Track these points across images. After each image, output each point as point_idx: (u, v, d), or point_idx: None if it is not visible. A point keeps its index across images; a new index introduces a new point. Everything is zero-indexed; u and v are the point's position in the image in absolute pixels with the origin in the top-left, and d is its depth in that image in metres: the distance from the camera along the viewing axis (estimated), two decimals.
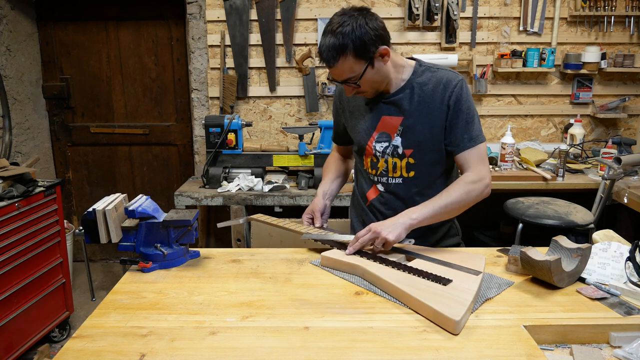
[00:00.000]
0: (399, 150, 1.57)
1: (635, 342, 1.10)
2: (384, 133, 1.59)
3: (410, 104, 1.55)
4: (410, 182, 1.60)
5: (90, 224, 1.44)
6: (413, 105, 1.55)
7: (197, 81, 3.34)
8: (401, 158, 1.58)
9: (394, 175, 1.61)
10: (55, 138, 3.65)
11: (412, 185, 1.60)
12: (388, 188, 1.63)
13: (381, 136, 1.59)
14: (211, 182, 2.97)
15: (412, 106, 1.55)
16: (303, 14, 3.22)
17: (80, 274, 3.55)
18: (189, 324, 1.16)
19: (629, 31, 3.26)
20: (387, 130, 1.58)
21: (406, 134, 1.56)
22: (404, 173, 1.59)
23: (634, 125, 3.42)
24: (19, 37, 3.31)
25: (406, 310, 1.21)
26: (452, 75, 1.54)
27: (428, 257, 1.41)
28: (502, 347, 1.06)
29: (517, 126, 3.40)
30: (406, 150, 1.57)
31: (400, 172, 1.59)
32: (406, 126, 1.56)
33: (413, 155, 1.57)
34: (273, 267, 1.47)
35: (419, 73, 1.57)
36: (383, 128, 1.59)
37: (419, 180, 1.59)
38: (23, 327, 2.46)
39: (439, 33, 3.26)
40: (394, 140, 1.58)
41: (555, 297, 1.28)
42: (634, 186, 2.65)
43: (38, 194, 2.52)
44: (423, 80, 1.55)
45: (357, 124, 1.65)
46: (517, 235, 2.58)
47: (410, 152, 1.57)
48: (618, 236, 1.55)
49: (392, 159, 1.59)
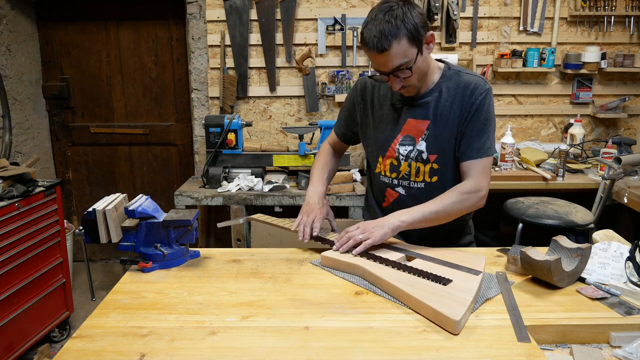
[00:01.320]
0: (424, 155, 1.55)
1: (635, 342, 1.10)
2: (409, 136, 1.56)
3: (437, 108, 1.53)
4: (433, 187, 1.57)
5: (90, 223, 1.44)
6: (439, 109, 1.52)
7: (197, 81, 3.34)
8: (425, 163, 1.55)
9: (416, 180, 1.58)
10: (55, 138, 3.65)
11: (435, 190, 1.56)
12: (410, 192, 1.60)
13: (405, 139, 1.56)
14: (211, 182, 2.97)
15: (438, 110, 1.53)
16: (303, 14, 3.22)
17: (80, 274, 3.55)
18: (189, 324, 1.16)
19: (629, 31, 3.26)
20: (412, 133, 1.55)
21: (431, 139, 1.53)
22: (426, 178, 1.57)
23: (634, 125, 3.42)
24: (19, 37, 3.31)
25: (406, 310, 1.21)
26: (480, 82, 1.52)
27: (428, 257, 1.41)
28: (502, 347, 1.06)
29: (517, 126, 3.41)
30: (431, 156, 1.54)
31: (423, 177, 1.57)
32: (432, 131, 1.53)
33: (437, 160, 1.54)
34: (273, 267, 1.47)
35: (447, 76, 1.54)
36: (408, 131, 1.56)
37: (441, 185, 1.56)
38: (23, 327, 2.46)
39: (439, 33, 3.26)
40: (418, 144, 1.55)
41: (555, 297, 1.28)
42: (634, 186, 2.65)
43: (38, 194, 2.52)
44: (451, 83, 1.53)
45: (379, 124, 1.61)
46: (517, 235, 2.58)
47: (435, 157, 1.54)
48: (618, 236, 1.55)
49: (415, 163, 1.56)
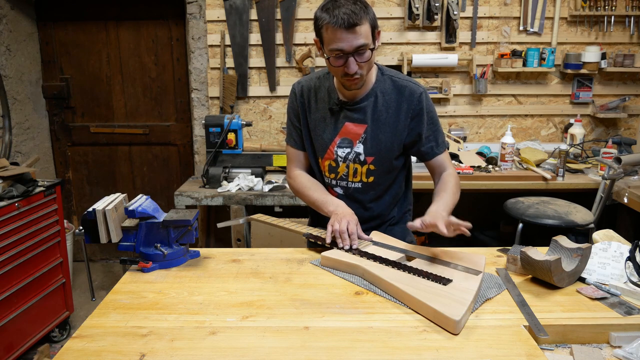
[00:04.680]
0: (361, 157, 1.61)
1: (635, 342, 1.10)
2: (346, 139, 1.62)
3: (374, 112, 1.58)
4: (369, 187, 1.65)
5: (90, 223, 1.44)
6: (376, 113, 1.58)
7: (197, 81, 3.34)
8: (362, 165, 1.62)
9: (353, 180, 1.65)
10: (55, 138, 3.65)
11: (371, 189, 1.65)
12: (347, 192, 1.67)
13: (343, 142, 1.62)
14: (211, 182, 2.97)
15: (375, 114, 1.58)
16: (303, 14, 3.22)
17: (80, 274, 3.55)
18: (189, 324, 1.16)
19: (629, 31, 3.26)
20: (350, 136, 1.61)
21: (368, 142, 1.60)
22: (363, 178, 1.64)
23: (634, 125, 3.42)
24: (19, 37, 3.31)
25: (406, 310, 1.21)
26: (414, 87, 1.58)
27: (428, 257, 1.41)
28: (502, 347, 1.06)
29: (517, 126, 3.41)
30: (368, 158, 1.61)
31: (360, 177, 1.64)
32: (369, 134, 1.59)
33: (374, 162, 1.61)
34: (273, 267, 1.47)
35: (381, 81, 1.60)
36: (346, 134, 1.61)
37: (376, 184, 1.65)
38: (23, 327, 2.46)
39: (439, 33, 3.26)
40: (355, 147, 1.61)
41: (555, 297, 1.28)
42: (634, 186, 2.65)
43: (38, 194, 2.52)
44: (385, 88, 1.59)
45: (317, 127, 1.65)
46: (517, 235, 2.58)
47: (372, 159, 1.61)
48: (618, 236, 1.55)
49: (353, 164, 1.63)
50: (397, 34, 3.26)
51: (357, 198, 1.66)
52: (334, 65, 1.48)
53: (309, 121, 1.68)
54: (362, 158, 1.61)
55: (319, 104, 1.65)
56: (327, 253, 1.47)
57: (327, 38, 1.45)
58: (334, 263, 1.44)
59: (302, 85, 1.69)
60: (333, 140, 1.63)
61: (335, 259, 1.43)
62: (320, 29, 1.46)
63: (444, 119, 3.36)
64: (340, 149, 1.62)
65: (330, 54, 1.46)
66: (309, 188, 1.69)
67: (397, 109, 1.58)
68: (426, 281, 1.26)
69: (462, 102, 3.38)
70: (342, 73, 1.48)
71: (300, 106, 1.68)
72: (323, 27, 1.44)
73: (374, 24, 1.46)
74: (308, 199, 1.69)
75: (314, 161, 1.72)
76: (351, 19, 1.39)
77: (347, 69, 1.46)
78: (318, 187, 1.69)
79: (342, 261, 1.42)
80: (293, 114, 1.72)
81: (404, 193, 1.75)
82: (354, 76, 1.48)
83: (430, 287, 1.23)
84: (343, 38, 1.42)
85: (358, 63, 1.46)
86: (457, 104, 3.38)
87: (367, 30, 1.43)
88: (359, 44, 1.43)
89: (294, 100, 1.70)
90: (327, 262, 1.46)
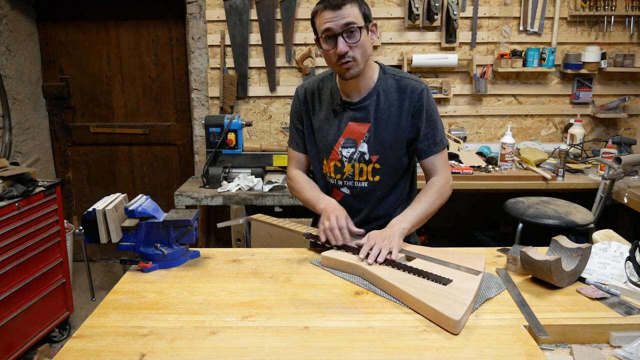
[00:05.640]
0: (366, 156, 1.62)
1: (635, 342, 1.10)
2: (350, 139, 1.62)
3: (377, 111, 1.59)
4: (376, 186, 1.65)
5: (90, 223, 1.44)
6: (379, 112, 1.59)
7: (197, 81, 3.34)
8: (367, 164, 1.63)
9: (360, 180, 1.65)
10: (55, 138, 3.65)
11: (377, 188, 1.66)
12: (354, 192, 1.67)
13: (347, 142, 1.62)
14: (211, 182, 2.97)
15: (378, 113, 1.59)
16: (303, 14, 3.22)
17: (80, 274, 3.55)
18: (189, 324, 1.16)
19: (629, 31, 3.26)
20: (354, 136, 1.62)
21: (372, 141, 1.60)
22: (369, 177, 1.64)
23: (634, 125, 3.42)
24: (19, 37, 3.31)
25: (406, 310, 1.21)
26: (415, 84, 1.59)
27: (428, 257, 1.41)
28: (502, 347, 1.06)
29: (517, 126, 3.41)
30: (372, 157, 1.61)
31: (366, 177, 1.65)
32: (373, 133, 1.60)
33: (379, 161, 1.62)
34: (273, 267, 1.47)
35: (383, 80, 1.61)
36: (349, 134, 1.62)
37: (383, 183, 1.65)
38: (23, 327, 2.46)
39: (439, 33, 3.26)
40: (360, 146, 1.61)
41: (555, 297, 1.28)
42: (634, 186, 2.65)
43: (38, 194, 2.52)
44: (387, 87, 1.60)
45: (322, 128, 1.66)
46: (517, 235, 2.58)
47: (376, 158, 1.62)
48: (618, 236, 1.55)
49: (358, 164, 1.63)
50: (397, 34, 3.26)
51: (364, 198, 1.67)
52: (325, 48, 1.50)
53: (312, 123, 1.69)
54: (367, 157, 1.62)
55: (323, 106, 1.66)
56: (327, 253, 1.47)
57: (318, 24, 1.49)
58: (334, 263, 1.44)
59: (306, 88, 1.70)
60: (337, 141, 1.63)
61: (335, 259, 1.43)
62: (314, 18, 1.51)
63: (444, 119, 3.36)
64: (345, 149, 1.63)
65: (322, 40, 1.49)
66: (304, 188, 1.71)
67: (400, 107, 1.58)
68: (426, 281, 1.27)
69: (462, 102, 3.38)
70: (336, 59, 1.49)
71: (304, 110, 1.70)
72: (315, 16, 1.50)
73: (365, 12, 1.49)
74: (303, 198, 1.70)
75: (317, 164, 1.72)
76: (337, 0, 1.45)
77: (337, 49, 1.47)
78: (312, 187, 1.71)
79: (342, 261, 1.42)
80: (296, 117, 1.73)
81: (409, 194, 1.75)
82: (346, 59, 1.48)
83: (430, 287, 1.23)
84: (330, 18, 1.46)
85: (348, 44, 1.47)
86: (457, 104, 3.38)
87: (356, 13, 1.46)
88: (345, 22, 1.45)
89: (298, 104, 1.71)
90: (327, 262, 1.46)
